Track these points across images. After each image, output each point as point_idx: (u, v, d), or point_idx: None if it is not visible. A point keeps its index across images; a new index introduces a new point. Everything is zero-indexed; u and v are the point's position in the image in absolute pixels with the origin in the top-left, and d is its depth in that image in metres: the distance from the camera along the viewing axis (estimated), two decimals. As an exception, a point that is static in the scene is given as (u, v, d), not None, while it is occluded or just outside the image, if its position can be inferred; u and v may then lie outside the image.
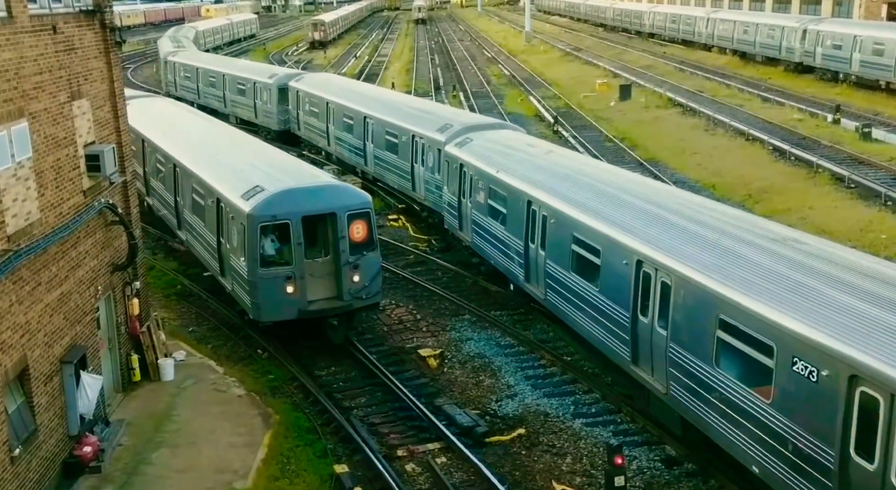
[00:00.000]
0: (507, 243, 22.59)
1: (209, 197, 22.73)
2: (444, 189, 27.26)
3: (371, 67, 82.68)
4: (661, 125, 48.19)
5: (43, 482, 14.98)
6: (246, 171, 22.53)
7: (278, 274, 20.00)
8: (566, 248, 19.24)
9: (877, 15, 68.99)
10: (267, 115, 47.35)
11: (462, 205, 25.79)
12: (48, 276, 15.60)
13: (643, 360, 16.50)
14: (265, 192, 20.24)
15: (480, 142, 26.06)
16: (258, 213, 19.72)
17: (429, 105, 36.16)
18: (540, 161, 23.04)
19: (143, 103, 34.90)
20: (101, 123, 18.68)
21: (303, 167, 23.55)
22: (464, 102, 57.58)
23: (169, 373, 19.88)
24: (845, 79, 56.67)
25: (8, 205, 14.20)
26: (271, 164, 23.25)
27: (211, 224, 22.71)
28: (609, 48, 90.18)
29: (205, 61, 58.59)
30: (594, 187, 20.03)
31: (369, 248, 20.71)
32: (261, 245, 19.92)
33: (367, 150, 34.99)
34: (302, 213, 19.93)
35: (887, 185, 32.64)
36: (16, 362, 14.18)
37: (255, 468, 16.19)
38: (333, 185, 21.44)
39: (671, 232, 16.43)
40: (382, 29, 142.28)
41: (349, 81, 47.80)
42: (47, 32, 15.98)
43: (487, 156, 24.70)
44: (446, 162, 26.80)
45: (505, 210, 22.64)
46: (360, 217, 20.49)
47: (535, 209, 20.87)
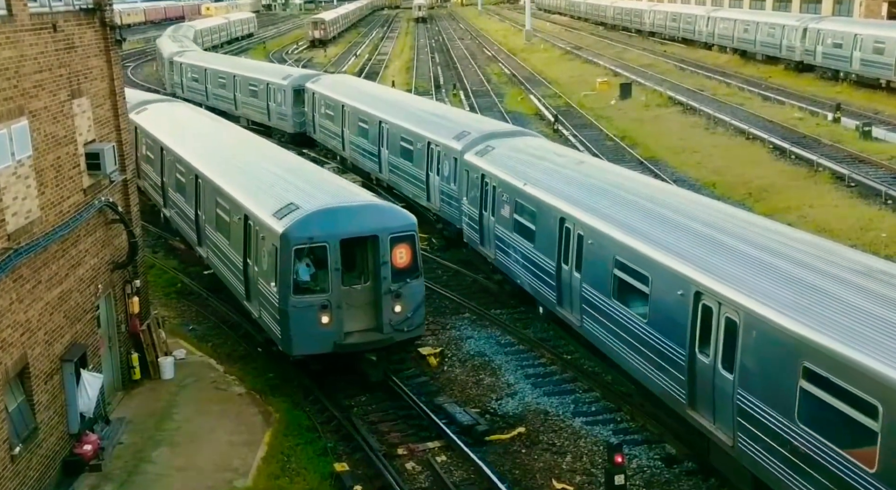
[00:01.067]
0: (537, 263, 20.82)
1: (236, 213, 20.80)
2: (464, 201, 25.54)
3: (371, 66, 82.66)
4: (662, 124, 48.18)
5: (43, 480, 14.99)
6: (277, 185, 20.68)
7: (313, 302, 18.05)
8: (607, 272, 17.45)
9: (877, 13, 68.96)
10: (281, 117, 46.04)
11: (484, 218, 24.08)
12: (48, 275, 15.61)
13: (702, 405, 14.66)
14: (300, 211, 18.31)
15: (503, 150, 24.33)
16: (293, 235, 17.78)
17: (447, 110, 34.32)
18: (571, 173, 21.30)
19: (160, 108, 33.71)
20: (102, 122, 18.69)
21: (338, 182, 21.59)
22: (464, 101, 57.57)
23: (169, 371, 19.89)
24: (846, 77, 56.66)
25: (8, 203, 14.20)
26: (304, 179, 21.33)
27: (237, 243, 20.83)
28: (609, 47, 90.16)
29: (213, 62, 57.23)
30: (637, 204, 18.19)
31: (413, 275, 18.78)
32: (294, 270, 17.97)
33: (381, 157, 33.49)
34: (341, 235, 18.04)
35: (887, 184, 32.63)
36: (16, 360, 14.19)
37: (256, 466, 16.20)
38: (375, 205, 19.34)
39: (737, 260, 14.52)
40: (382, 27, 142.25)
41: (366, 84, 46.16)
42: (47, 31, 15.98)
43: (512, 166, 23.00)
44: (465, 171, 25.20)
45: (534, 227, 20.89)
46: (403, 240, 18.58)
47: (570, 227, 19.14)
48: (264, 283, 18.97)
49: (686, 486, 15.57)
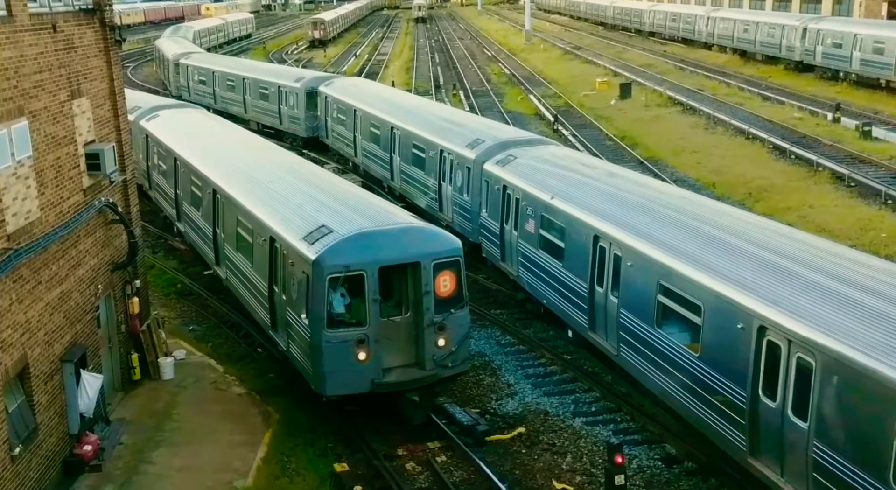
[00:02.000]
0: (566, 283, 19.43)
1: (260, 234, 19.17)
2: (483, 213, 24.07)
3: (371, 66, 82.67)
4: (662, 124, 48.18)
5: (43, 481, 14.98)
6: (306, 205, 18.95)
7: (348, 337, 16.42)
8: (649, 297, 16.00)
9: (877, 13, 68.98)
10: (294, 121, 44.77)
11: (506, 233, 22.69)
12: (48, 275, 15.60)
13: (767, 455, 13.23)
14: (334, 235, 16.71)
15: (526, 160, 22.89)
16: (327, 262, 16.14)
17: (461, 116, 32.47)
18: (603, 186, 19.95)
19: (173, 115, 32.08)
20: (101, 122, 18.68)
21: (373, 201, 19.65)
22: (464, 101, 57.58)
23: (169, 371, 19.88)
24: (845, 77, 56.67)
25: (8, 203, 14.20)
26: (336, 197, 19.55)
27: (261, 267, 19.21)
28: (609, 47, 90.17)
29: (222, 64, 55.90)
30: (681, 223, 16.73)
31: (458, 305, 17.15)
32: (328, 301, 16.33)
33: (393, 164, 32.10)
34: (380, 262, 16.39)
35: (887, 184, 32.63)
36: (16, 361, 14.18)
37: (256, 467, 16.20)
38: (416, 228, 17.60)
39: (808, 291, 12.98)
40: (382, 27, 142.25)
41: (381, 88, 44.27)
42: (47, 31, 15.98)
43: (537, 177, 21.51)
44: (486, 182, 23.77)
45: (563, 244, 19.50)
46: (448, 267, 16.94)
47: (604, 246, 17.76)
48: (293, 314, 17.39)
49: (686, 486, 15.58)
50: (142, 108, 32.94)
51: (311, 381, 17.08)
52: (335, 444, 17.20)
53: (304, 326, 16.84)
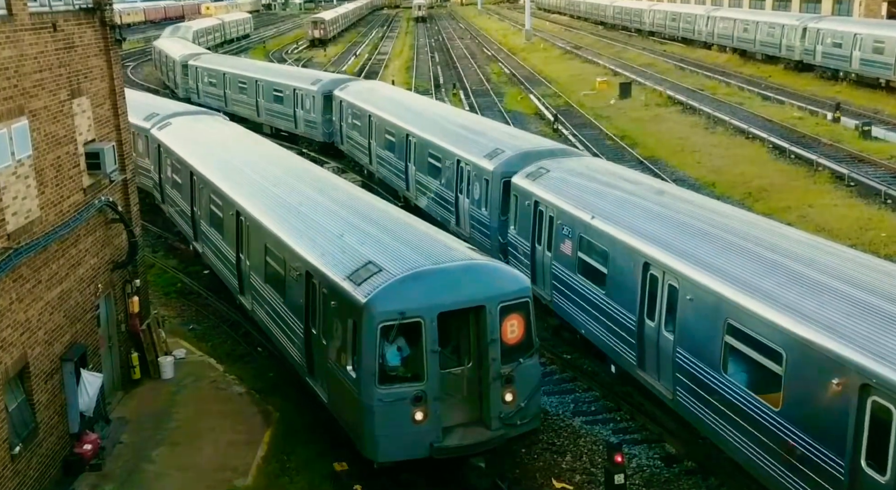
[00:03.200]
0: (610, 314, 17.52)
1: (294, 268, 17.09)
2: (511, 230, 22.05)
3: (371, 65, 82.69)
4: (661, 123, 48.19)
5: (43, 480, 15.00)
6: (348, 235, 16.77)
7: (404, 394, 14.25)
8: (713, 338, 14.07)
9: (877, 13, 68.98)
10: (310, 125, 43.07)
11: (538, 254, 20.83)
12: (48, 274, 15.61)
13: None
14: (385, 275, 14.52)
15: (559, 174, 20.92)
16: (379, 308, 13.99)
17: (481, 124, 29.89)
18: (651, 205, 17.90)
19: (188, 124, 29.75)
20: (102, 121, 18.69)
21: (422, 230, 17.22)
22: (464, 101, 57.58)
23: (169, 371, 19.89)
24: (845, 77, 56.66)
25: (8, 203, 14.21)
26: (380, 226, 17.16)
27: (296, 304, 17.16)
28: (609, 46, 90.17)
29: (233, 65, 54.12)
30: (753, 253, 14.62)
31: (527, 353, 14.99)
32: (380, 353, 14.15)
33: (408, 173, 30.37)
34: (439, 307, 14.22)
35: (887, 184, 32.64)
36: (16, 360, 14.20)
37: (256, 466, 16.22)
38: (478, 265, 15.21)
39: None
40: (382, 27, 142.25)
41: (398, 92, 41.67)
42: (47, 30, 15.99)
43: (573, 194, 19.60)
44: (514, 197, 21.73)
45: (605, 269, 17.60)
46: (516, 310, 14.77)
47: (657, 275, 15.89)
48: (336, 363, 15.20)
49: (686, 486, 15.59)
50: (153, 115, 31.35)
51: (358, 443, 14.88)
52: (335, 442, 17.21)
53: (350, 380, 14.60)
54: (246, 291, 20.86)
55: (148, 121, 30.61)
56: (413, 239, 16.29)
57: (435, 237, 16.66)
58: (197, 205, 24.90)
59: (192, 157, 25.38)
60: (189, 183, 25.36)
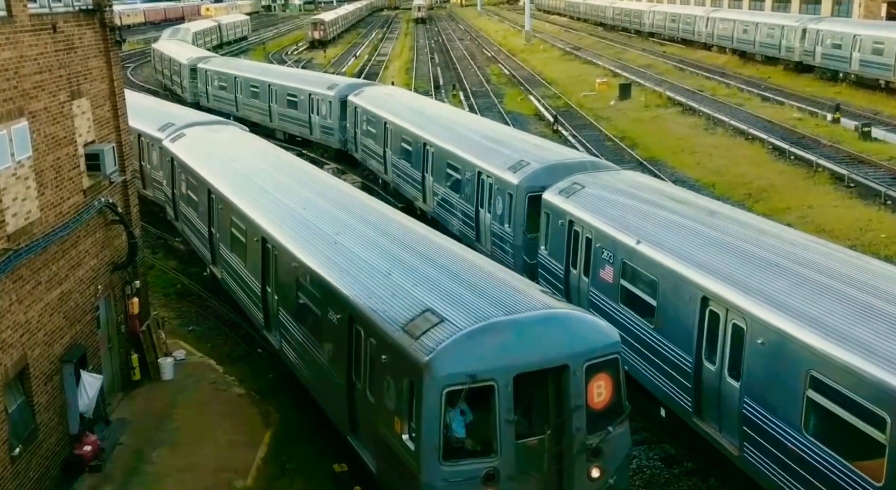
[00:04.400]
0: (660, 352, 15.73)
1: (334, 309, 14.85)
2: (542, 250, 20.54)
3: (371, 67, 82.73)
4: (661, 124, 48.22)
5: (43, 481, 15.00)
6: (397, 273, 14.41)
7: (473, 471, 12.06)
8: (794, 391, 12.30)
9: (876, 14, 69.02)
10: (326, 131, 41.57)
11: (572, 278, 19.16)
12: (48, 276, 15.62)
13: None
14: (448, 328, 12.28)
15: (596, 190, 19.33)
16: (445, 370, 11.79)
17: (505, 133, 27.92)
18: (706, 229, 16.06)
19: (205, 135, 27.75)
20: (101, 122, 18.70)
21: (487, 269, 14.66)
22: (463, 102, 57.61)
23: (169, 372, 19.90)
24: (845, 78, 56.70)
25: (8, 204, 14.22)
26: (435, 263, 14.70)
27: (336, 351, 15.00)
28: (609, 47, 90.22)
29: (245, 69, 52.33)
30: (839, 293, 12.78)
31: (616, 420, 12.71)
32: (445, 422, 11.94)
33: (425, 184, 28.87)
34: (516, 368, 12.00)
35: (887, 185, 32.65)
36: (16, 361, 14.20)
37: (256, 467, 16.22)
38: (559, 316, 12.78)
39: None
40: (382, 28, 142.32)
41: (415, 98, 39.79)
42: (47, 31, 15.99)
43: (614, 214, 17.90)
44: (546, 214, 20.21)
45: (654, 302, 15.83)
46: (604, 368, 12.58)
47: (718, 312, 14.14)
48: (388, 428, 12.96)
49: (686, 487, 15.59)
50: (167, 125, 29.70)
51: None
52: (335, 443, 17.22)
53: (407, 452, 12.38)
54: (273, 328, 18.79)
55: (161, 131, 29.27)
56: (475, 280, 13.87)
57: (500, 277, 14.26)
58: (216, 226, 22.86)
59: (211, 174, 23.34)
60: (207, 202, 23.27)
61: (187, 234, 26.77)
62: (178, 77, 60.66)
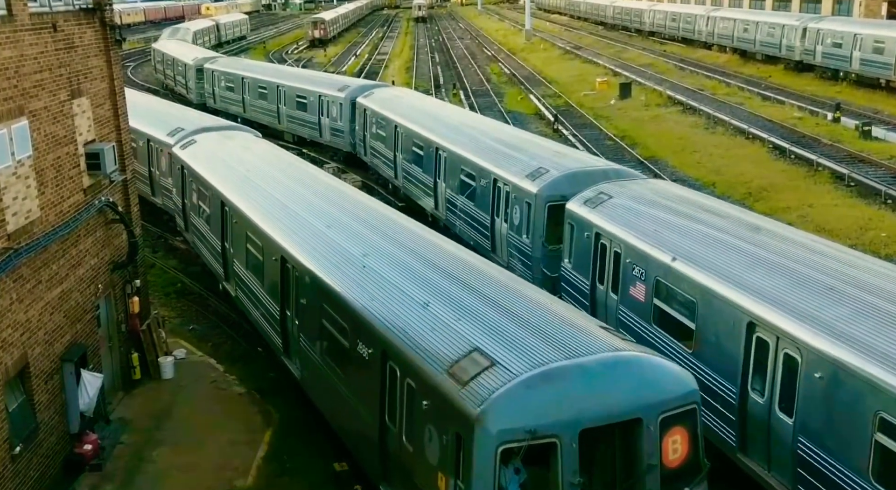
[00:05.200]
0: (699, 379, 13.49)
1: (365, 342, 13.31)
2: (566, 263, 19.40)
3: (371, 66, 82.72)
4: (661, 123, 48.21)
5: (43, 480, 15.01)
6: (437, 304, 12.78)
7: None
8: (861, 433, 11.15)
9: (877, 13, 68.99)
10: (336, 134, 40.42)
11: (598, 293, 18.04)
12: (48, 275, 15.62)
13: None
14: (501, 373, 10.62)
15: (624, 201, 18.15)
16: (500, 425, 10.18)
17: (523, 138, 26.76)
18: (749, 246, 14.82)
19: (218, 142, 26.22)
20: (102, 122, 18.70)
21: (536, 299, 13.01)
22: (464, 101, 57.60)
23: (169, 371, 19.91)
24: (845, 77, 56.69)
25: (8, 203, 14.22)
26: (481, 295, 12.98)
27: (364, 388, 13.48)
28: (609, 46, 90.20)
29: (253, 70, 51.06)
30: None
31: (693, 479, 11.17)
32: (498, 483, 10.31)
33: (438, 191, 27.74)
34: (581, 422, 10.40)
35: (887, 184, 32.65)
36: (16, 360, 14.21)
37: (256, 466, 16.24)
38: (627, 360, 11.13)
39: None
40: (382, 27, 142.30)
41: (426, 101, 38.25)
42: (47, 30, 15.99)
43: (645, 226, 16.72)
44: (570, 225, 19.12)
45: (692, 324, 14.61)
46: (680, 421, 11.01)
47: (767, 340, 12.99)
48: (428, 480, 11.41)
49: (686, 486, 15.55)
50: (176, 129, 28.56)
51: None
52: (335, 443, 17.22)
53: None
54: (294, 355, 17.41)
55: (170, 136, 28.17)
56: (526, 313, 12.18)
57: (555, 310, 12.50)
58: (229, 241, 21.61)
59: (224, 185, 21.93)
60: (220, 215, 21.91)
61: (198, 246, 25.53)
62: (182, 77, 59.74)
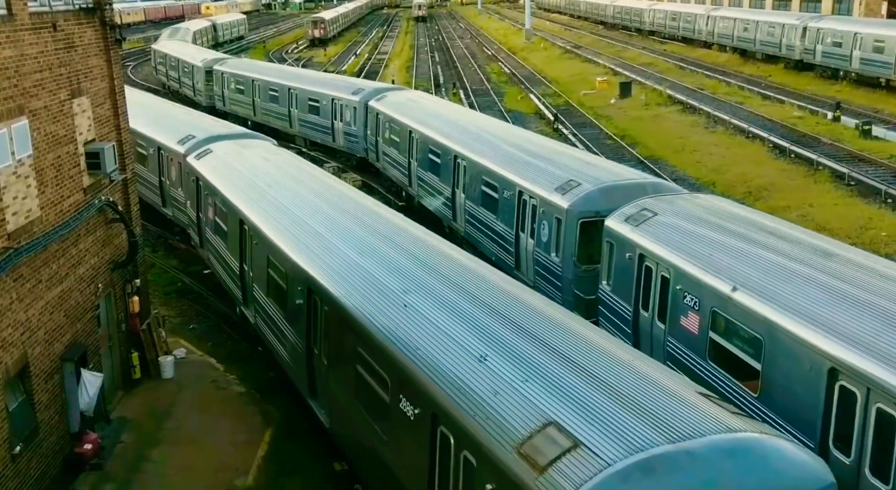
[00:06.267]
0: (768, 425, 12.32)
1: (410, 401, 11.33)
2: (604, 284, 17.76)
3: (371, 65, 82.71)
4: (661, 123, 48.22)
5: (44, 479, 15.01)
6: (495, 358, 10.70)
7: None
8: None
9: (877, 12, 68.98)
10: (350, 139, 38.81)
11: (642, 321, 16.45)
12: (48, 274, 15.62)
13: None
14: (589, 459, 8.65)
15: (671, 219, 16.47)
16: None
17: (550, 147, 24.73)
18: (825, 277, 13.07)
19: (235, 152, 24.53)
20: (102, 121, 18.70)
21: (612, 352, 10.93)
22: (464, 100, 57.60)
23: (169, 370, 19.91)
24: (845, 76, 56.69)
25: (8, 203, 14.22)
26: (546, 345, 10.92)
27: (409, 453, 11.55)
28: (609, 46, 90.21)
29: (263, 72, 49.47)
30: None
31: None
32: None
33: (456, 202, 26.13)
34: None
35: (887, 183, 32.64)
36: (16, 360, 14.21)
37: (256, 465, 16.23)
38: (749, 444, 8.99)
39: None
40: (382, 26, 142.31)
41: (443, 105, 36.51)
42: (47, 30, 15.99)
43: (698, 250, 15.02)
44: (609, 244, 17.51)
45: (759, 365, 12.92)
46: None
47: (854, 391, 11.21)
48: None
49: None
50: (188, 137, 26.99)
51: None
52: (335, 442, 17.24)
53: None
54: (321, 398, 15.51)
55: (182, 144, 26.63)
56: (609, 376, 10.04)
57: (644, 372, 10.27)
58: (248, 263, 19.79)
59: (243, 201, 20.18)
60: (238, 234, 20.16)
61: (213, 264, 23.90)
62: (189, 79, 57.90)
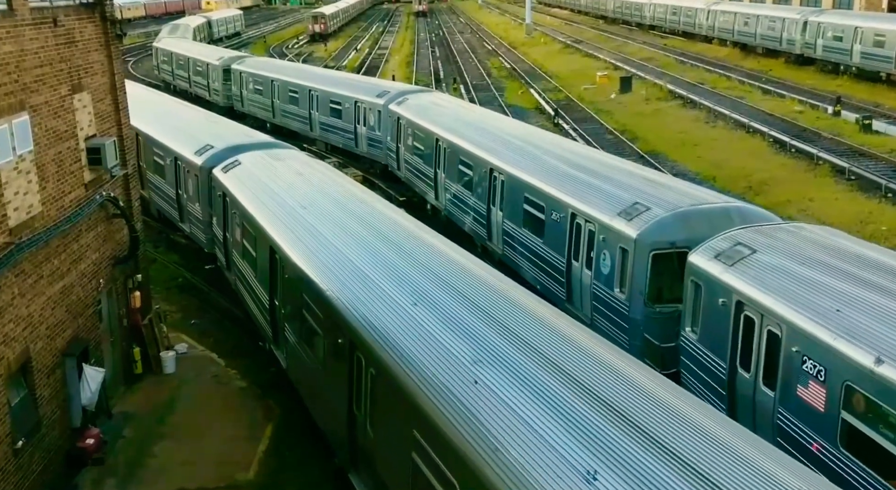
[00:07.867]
0: None
1: (456, 470, 9.33)
2: (688, 332, 14.93)
3: (371, 60, 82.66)
4: (662, 117, 48.20)
5: (46, 474, 15.05)
6: (604, 476, 8.07)
7: None
8: None
9: (878, 6, 68.90)
10: (374, 145, 36.04)
11: (742, 385, 13.56)
12: (50, 269, 15.65)
13: None
14: None
15: (776, 259, 13.67)
16: None
17: (602, 161, 21.82)
18: None
19: (265, 164, 22.23)
20: (102, 116, 18.70)
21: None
22: (464, 95, 57.57)
23: (171, 365, 19.95)
24: (846, 71, 56.64)
25: (9, 198, 14.24)
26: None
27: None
28: (609, 40, 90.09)
29: (284, 72, 47.03)
30: None
31: None
32: None
33: (492, 220, 23.19)
34: None
35: (888, 177, 32.63)
36: (18, 355, 14.24)
37: (257, 460, 16.28)
38: None
39: None
40: (383, 21, 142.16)
41: (471, 109, 33.72)
42: (48, 25, 15.99)
43: (823, 304, 12.10)
44: (693, 284, 14.72)
45: None
46: None
47: None
48: None
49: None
50: (207, 146, 24.81)
51: None
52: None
53: None
54: (363, 473, 13.17)
55: (199, 155, 24.52)
56: (721, 476, 7.94)
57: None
58: (279, 298, 17.43)
59: (275, 226, 17.70)
60: (269, 262, 17.76)
61: (241, 292, 21.41)
62: (203, 78, 55.40)
